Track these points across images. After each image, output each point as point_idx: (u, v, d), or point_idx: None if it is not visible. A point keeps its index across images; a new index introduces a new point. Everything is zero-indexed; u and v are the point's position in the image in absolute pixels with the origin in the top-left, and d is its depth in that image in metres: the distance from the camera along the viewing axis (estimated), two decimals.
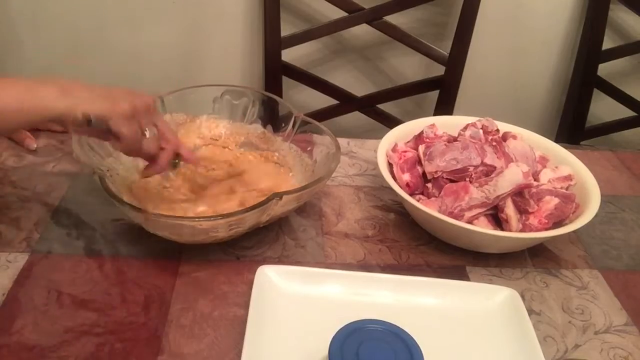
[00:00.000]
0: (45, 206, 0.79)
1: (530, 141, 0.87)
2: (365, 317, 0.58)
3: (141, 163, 0.73)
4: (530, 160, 0.83)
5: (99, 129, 0.63)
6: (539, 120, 1.63)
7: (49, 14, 1.38)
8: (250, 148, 0.90)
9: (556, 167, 0.84)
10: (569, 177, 0.82)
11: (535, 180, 0.79)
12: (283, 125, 0.89)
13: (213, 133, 0.91)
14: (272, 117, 0.91)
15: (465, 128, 0.86)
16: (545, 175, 0.82)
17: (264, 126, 0.91)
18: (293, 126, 0.87)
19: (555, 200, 0.76)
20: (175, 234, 0.71)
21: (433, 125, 0.87)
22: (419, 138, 0.86)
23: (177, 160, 0.74)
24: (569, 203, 0.77)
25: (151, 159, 0.70)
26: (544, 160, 0.87)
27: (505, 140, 0.85)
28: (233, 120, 0.92)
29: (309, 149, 0.86)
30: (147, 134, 0.67)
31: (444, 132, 0.86)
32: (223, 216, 0.68)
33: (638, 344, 0.67)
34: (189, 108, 0.91)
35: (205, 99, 0.91)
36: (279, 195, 0.69)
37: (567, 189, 0.81)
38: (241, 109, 0.91)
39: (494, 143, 0.82)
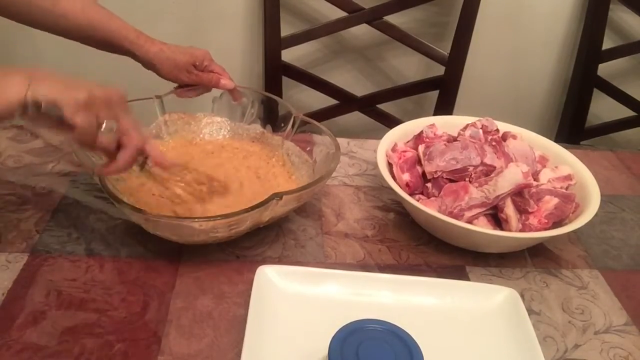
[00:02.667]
0: (45, 206, 0.79)
1: (530, 141, 0.87)
2: (365, 317, 0.58)
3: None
4: (530, 160, 0.83)
5: (51, 117, 0.57)
6: (539, 120, 1.63)
7: None
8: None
9: (556, 167, 0.84)
10: (568, 177, 0.82)
11: (535, 180, 0.79)
12: (282, 125, 0.89)
13: (214, 135, 0.91)
14: (271, 117, 0.91)
15: (465, 128, 0.86)
16: (545, 175, 0.82)
17: (264, 126, 0.91)
18: (292, 126, 0.87)
19: (555, 200, 0.76)
20: (175, 234, 0.71)
21: (433, 125, 0.87)
22: (418, 138, 0.86)
23: (143, 160, 0.68)
24: (568, 203, 0.77)
25: (110, 155, 0.64)
26: (543, 160, 0.87)
27: (505, 140, 0.85)
28: (232, 120, 0.92)
29: (308, 149, 0.86)
30: (104, 126, 0.60)
31: (443, 132, 0.86)
32: (223, 216, 0.68)
33: (638, 344, 0.67)
34: (188, 108, 0.91)
35: (204, 99, 0.91)
36: (279, 196, 0.69)
37: (566, 188, 0.81)
38: (240, 109, 0.92)
39: (494, 143, 0.82)
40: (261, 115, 0.91)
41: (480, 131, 0.85)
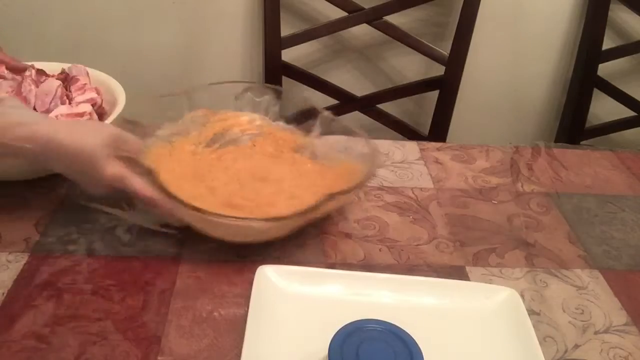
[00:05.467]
0: (45, 206, 0.79)
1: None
2: (365, 317, 0.58)
3: None
4: (49, 97, 0.83)
5: None
6: (539, 120, 1.63)
7: (49, 14, 1.38)
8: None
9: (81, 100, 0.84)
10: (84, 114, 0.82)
11: None
12: (307, 122, 0.88)
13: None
14: (295, 114, 0.90)
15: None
16: (58, 111, 0.81)
17: (288, 123, 0.90)
18: (318, 124, 0.88)
19: None
20: (228, 234, 0.71)
21: None
22: None
23: None
24: None
25: None
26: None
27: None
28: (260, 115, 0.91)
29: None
30: None
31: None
32: (278, 219, 0.69)
33: (638, 344, 0.67)
34: (211, 105, 0.89)
35: (225, 95, 0.90)
36: (332, 197, 0.70)
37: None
38: (263, 106, 0.90)
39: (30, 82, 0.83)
40: (284, 113, 0.91)
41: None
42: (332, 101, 1.43)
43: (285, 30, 1.34)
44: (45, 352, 0.59)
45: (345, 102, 1.42)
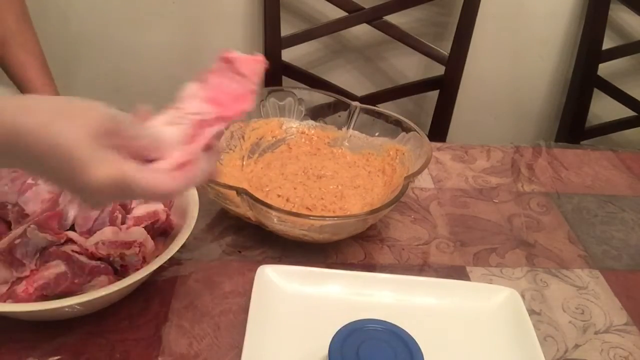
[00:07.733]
0: None
1: None
2: (365, 317, 0.58)
3: None
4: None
5: None
6: (539, 120, 1.63)
7: (49, 14, 1.38)
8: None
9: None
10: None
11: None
12: (335, 116, 0.90)
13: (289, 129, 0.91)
14: (321, 111, 0.91)
15: None
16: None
17: (316, 120, 0.91)
18: (351, 117, 0.89)
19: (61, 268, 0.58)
20: (334, 234, 0.73)
21: None
22: None
23: None
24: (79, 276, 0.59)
25: None
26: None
27: None
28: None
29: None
30: None
31: None
32: (370, 212, 0.71)
33: (638, 344, 0.67)
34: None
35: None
36: (409, 177, 0.73)
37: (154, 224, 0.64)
38: (287, 107, 0.91)
39: None
40: (309, 112, 0.91)
41: None
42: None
43: (285, 30, 1.34)
44: (44, 352, 0.59)
45: None
